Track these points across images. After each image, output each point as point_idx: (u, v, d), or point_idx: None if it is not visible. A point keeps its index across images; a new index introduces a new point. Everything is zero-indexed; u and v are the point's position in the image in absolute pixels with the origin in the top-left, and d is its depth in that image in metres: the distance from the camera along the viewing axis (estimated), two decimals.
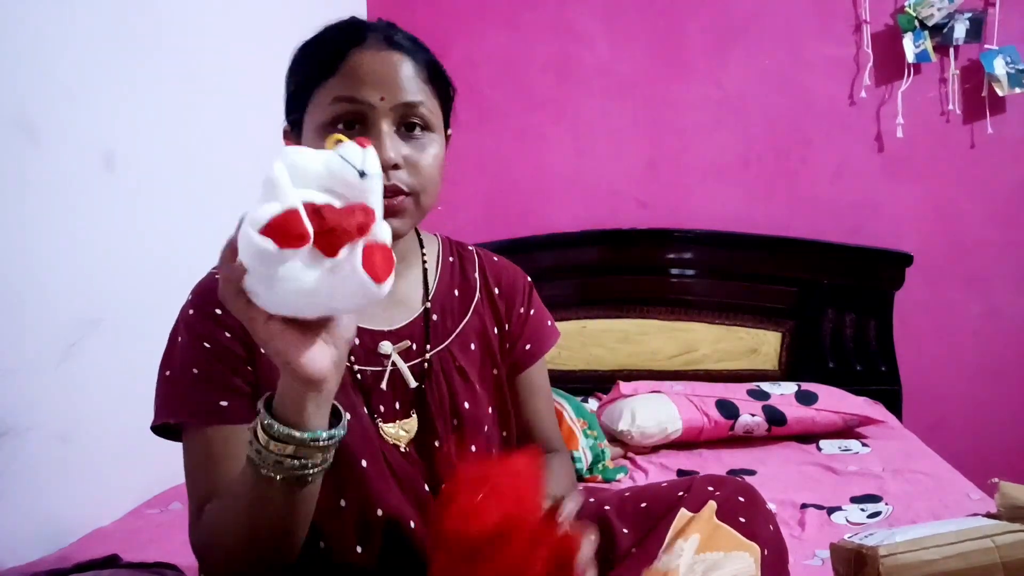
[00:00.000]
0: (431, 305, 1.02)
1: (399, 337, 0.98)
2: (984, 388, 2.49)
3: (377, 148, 0.80)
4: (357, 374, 0.95)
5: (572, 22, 2.56)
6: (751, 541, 0.99)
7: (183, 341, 0.91)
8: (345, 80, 0.87)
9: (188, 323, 0.92)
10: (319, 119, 0.89)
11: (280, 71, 1.01)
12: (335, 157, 0.67)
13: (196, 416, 0.89)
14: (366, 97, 0.87)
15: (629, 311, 2.55)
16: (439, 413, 0.98)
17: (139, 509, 1.63)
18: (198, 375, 0.89)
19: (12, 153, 1.35)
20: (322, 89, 0.89)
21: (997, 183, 2.43)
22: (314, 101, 0.89)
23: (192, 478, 0.91)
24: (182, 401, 0.90)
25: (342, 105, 0.87)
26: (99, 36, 1.54)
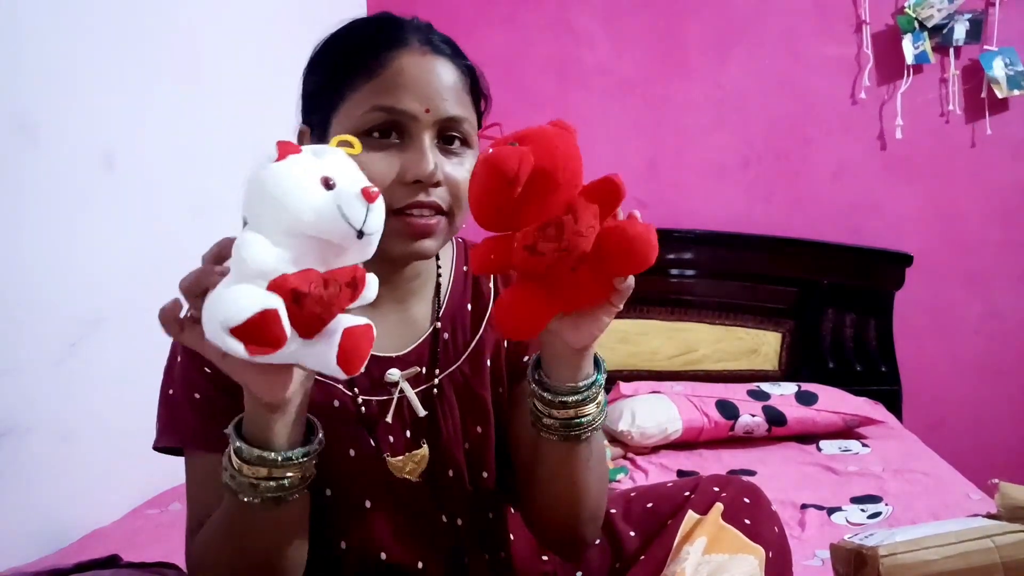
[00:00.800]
0: (442, 323, 0.93)
1: (407, 363, 0.90)
2: (984, 388, 2.49)
3: (418, 162, 0.78)
4: (362, 406, 0.88)
5: (572, 22, 2.56)
6: (756, 543, 0.99)
7: (183, 362, 0.87)
8: (385, 86, 0.79)
9: (186, 348, 0.83)
10: (352, 126, 0.80)
11: (280, 70, 1.01)
12: (331, 207, 0.58)
13: (197, 443, 0.86)
14: (409, 108, 0.79)
15: (628, 311, 2.53)
16: (450, 440, 0.91)
17: (139, 509, 1.63)
18: (199, 400, 0.86)
19: (12, 153, 1.35)
20: (356, 93, 0.80)
21: (997, 183, 2.43)
22: (346, 104, 0.80)
23: (191, 501, 0.88)
24: (183, 427, 0.87)
25: (381, 115, 0.79)
26: (99, 36, 1.54)
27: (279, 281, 0.57)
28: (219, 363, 0.65)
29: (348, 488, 0.87)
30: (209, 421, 0.84)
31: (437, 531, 0.92)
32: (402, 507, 0.90)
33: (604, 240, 0.71)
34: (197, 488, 0.88)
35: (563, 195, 0.72)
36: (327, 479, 0.83)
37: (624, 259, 0.73)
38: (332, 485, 0.87)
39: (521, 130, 0.74)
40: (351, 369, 0.62)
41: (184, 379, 0.87)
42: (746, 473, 1.87)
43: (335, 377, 0.69)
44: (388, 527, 0.89)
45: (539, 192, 0.69)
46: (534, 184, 0.68)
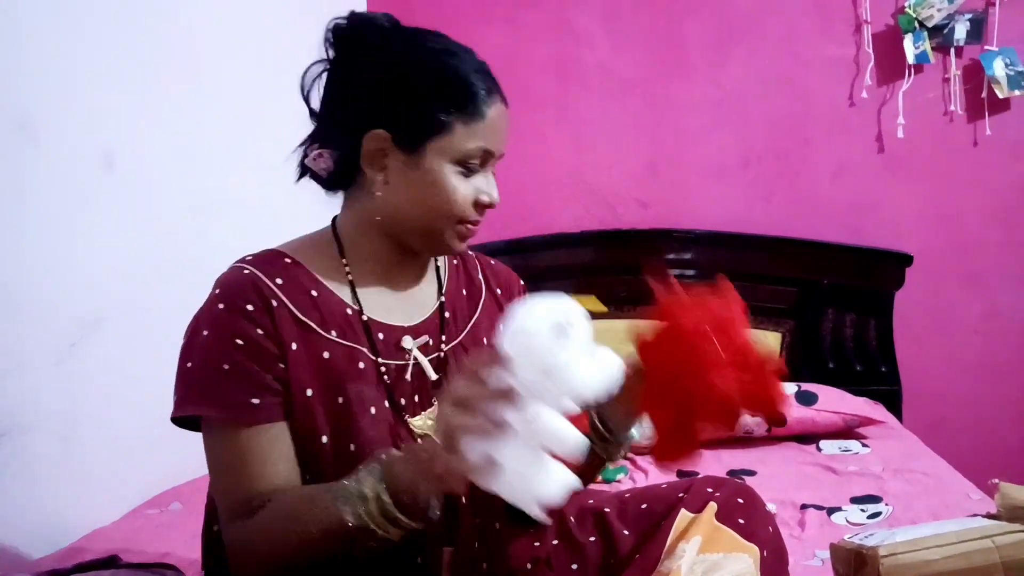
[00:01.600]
0: (445, 302, 1.06)
1: (418, 332, 1.01)
2: (984, 388, 2.48)
3: (492, 192, 0.98)
4: (382, 368, 0.97)
5: (572, 22, 2.56)
6: (750, 542, 1.00)
7: (210, 335, 0.91)
8: (489, 132, 0.95)
9: (218, 318, 0.91)
10: (454, 155, 0.93)
11: (280, 70, 1.01)
12: (605, 386, 0.76)
13: (228, 412, 0.89)
14: (498, 151, 0.98)
15: (629, 311, 2.55)
16: None
17: (139, 509, 1.63)
18: (229, 371, 0.89)
19: (12, 153, 1.35)
20: (465, 128, 0.93)
21: (997, 183, 2.43)
22: (451, 136, 0.93)
23: (224, 477, 0.92)
24: (212, 396, 0.90)
25: (480, 153, 0.95)
26: (99, 36, 1.54)
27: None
28: (467, 478, 0.72)
29: (366, 444, 0.92)
30: (241, 392, 0.89)
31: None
32: None
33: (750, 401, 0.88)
34: (229, 466, 0.91)
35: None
36: (351, 435, 0.92)
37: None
38: (355, 440, 0.93)
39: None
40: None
41: (211, 351, 0.91)
42: (746, 473, 1.87)
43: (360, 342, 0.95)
44: None
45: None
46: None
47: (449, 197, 0.93)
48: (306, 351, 0.92)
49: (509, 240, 2.48)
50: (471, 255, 1.16)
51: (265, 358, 0.90)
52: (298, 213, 2.15)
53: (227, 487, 0.92)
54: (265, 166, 2.08)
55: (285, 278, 0.94)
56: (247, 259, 0.96)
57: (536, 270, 2.54)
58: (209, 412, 0.91)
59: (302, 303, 0.94)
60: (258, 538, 0.88)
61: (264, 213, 2.03)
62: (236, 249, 1.12)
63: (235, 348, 0.89)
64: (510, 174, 2.67)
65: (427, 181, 0.93)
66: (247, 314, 0.90)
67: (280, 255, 0.98)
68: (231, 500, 0.91)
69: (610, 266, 2.54)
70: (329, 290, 0.97)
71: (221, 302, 0.92)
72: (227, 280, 0.94)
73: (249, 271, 0.94)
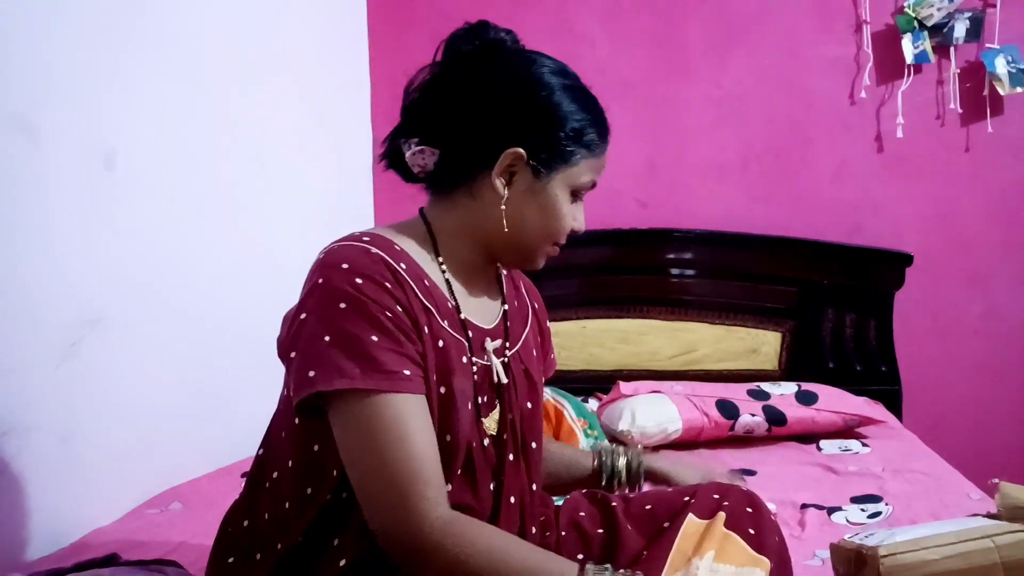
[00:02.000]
0: (508, 309, 1.09)
1: (493, 336, 1.04)
2: (984, 388, 2.49)
3: (582, 222, 1.05)
4: (473, 366, 0.98)
5: (572, 22, 2.56)
6: (761, 554, 1.00)
7: (351, 307, 0.86)
8: (599, 168, 1.03)
9: (360, 290, 0.87)
10: (573, 184, 1.01)
11: (280, 70, 1.01)
12: None
13: (385, 381, 0.85)
14: (597, 184, 1.05)
15: (629, 311, 2.55)
16: (512, 410, 1.03)
17: (139, 509, 1.63)
18: (379, 343, 0.86)
19: (12, 153, 1.35)
20: (585, 163, 1.00)
21: (997, 183, 2.43)
22: (577, 167, 1.00)
23: (380, 459, 0.85)
24: (362, 366, 0.85)
25: (591, 184, 1.03)
26: (99, 36, 1.54)
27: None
28: None
29: (459, 438, 0.94)
30: (394, 362, 0.87)
31: (483, 491, 0.99)
32: (471, 463, 0.97)
33: None
34: (387, 443, 0.85)
35: None
36: (448, 427, 0.93)
37: None
38: (451, 432, 0.94)
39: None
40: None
41: (355, 324, 0.86)
42: (746, 473, 1.87)
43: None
44: (453, 476, 0.94)
45: None
46: None
47: (560, 223, 1.00)
48: (429, 336, 0.93)
49: None
50: (514, 271, 1.18)
51: (408, 333, 0.89)
52: (298, 213, 2.17)
53: (393, 470, 0.84)
54: (265, 166, 2.09)
55: (405, 262, 0.94)
56: (364, 239, 0.93)
57: (536, 270, 2.54)
58: (365, 383, 0.85)
59: (421, 288, 0.94)
60: (455, 552, 0.84)
61: (264, 213, 2.03)
62: (236, 249, 1.12)
63: (382, 319, 0.87)
64: None
65: (546, 204, 0.99)
66: (387, 290, 0.89)
67: (390, 241, 0.95)
68: (404, 484, 0.84)
69: (610, 266, 2.55)
70: (435, 283, 0.98)
71: (358, 276, 0.88)
72: (356, 256, 0.91)
73: (375, 251, 0.92)
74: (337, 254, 0.91)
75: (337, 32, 2.51)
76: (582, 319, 2.55)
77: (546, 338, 1.20)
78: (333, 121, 2.45)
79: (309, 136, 2.24)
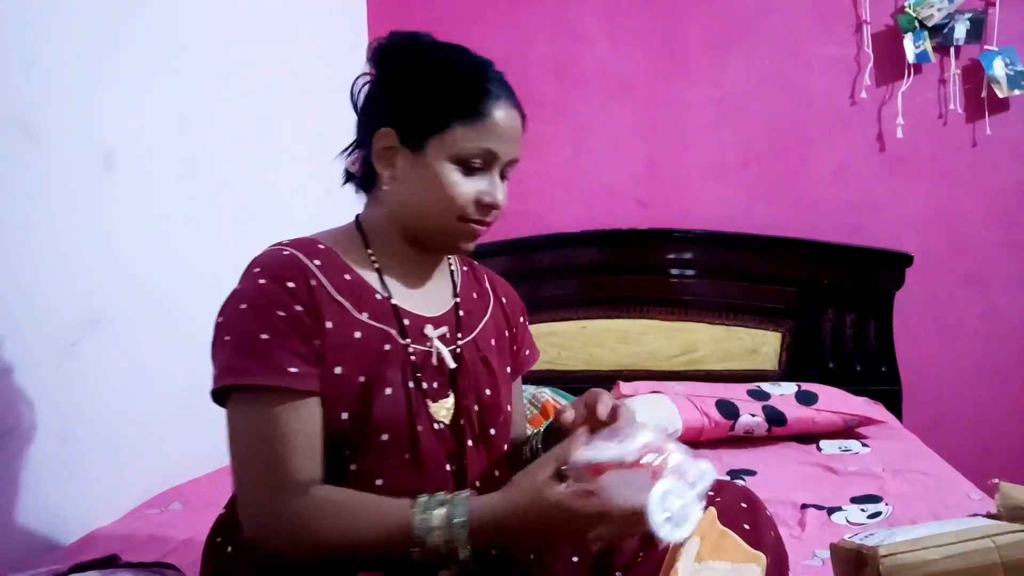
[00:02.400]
0: (460, 301, 1.11)
1: (437, 324, 1.05)
2: (984, 388, 2.49)
3: (495, 193, 1.00)
4: (410, 350, 1.00)
5: (572, 22, 2.56)
6: (757, 550, 1.00)
7: (249, 308, 0.93)
8: (488, 132, 0.98)
9: (260, 291, 0.93)
10: (455, 153, 0.98)
11: (280, 70, 1.01)
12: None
13: (267, 377, 0.90)
14: (501, 152, 1.00)
15: (629, 311, 2.55)
16: (468, 396, 1.05)
17: (139, 509, 1.63)
18: (269, 340, 0.91)
19: (12, 153, 1.35)
20: (464, 128, 0.97)
21: (997, 183, 2.43)
22: (451, 134, 0.97)
23: (256, 453, 0.91)
24: (250, 363, 0.90)
25: (481, 152, 0.98)
26: (99, 36, 1.54)
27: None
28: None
29: (379, 422, 0.96)
30: (280, 359, 0.91)
31: (437, 475, 1.00)
32: (416, 447, 0.99)
33: None
34: (261, 439, 0.91)
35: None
36: (368, 413, 0.95)
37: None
38: (367, 418, 0.96)
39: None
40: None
41: (251, 323, 0.92)
42: (746, 473, 1.87)
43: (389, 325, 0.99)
44: (394, 460, 0.98)
45: None
46: None
47: (447, 193, 0.97)
48: (339, 330, 0.96)
49: (509, 240, 2.48)
50: (477, 264, 1.21)
51: (304, 331, 0.93)
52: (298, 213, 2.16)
53: (259, 462, 0.90)
54: (265, 165, 2.09)
55: (323, 260, 0.98)
56: (284, 242, 1.00)
57: (536, 270, 2.55)
58: (246, 380, 0.90)
59: (337, 284, 0.98)
60: (299, 526, 0.88)
61: (264, 213, 2.03)
62: (236, 249, 1.12)
63: (276, 318, 0.92)
64: (510, 174, 2.69)
65: (427, 177, 0.98)
66: (288, 289, 0.93)
67: (314, 241, 1.02)
68: (262, 476, 0.90)
69: (610, 266, 2.55)
70: (360, 275, 1.01)
71: (262, 278, 0.94)
72: (267, 259, 0.97)
73: (289, 251, 0.98)
74: (255, 260, 0.98)
75: (337, 32, 2.51)
76: (582, 319, 2.55)
77: (519, 333, 1.21)
78: (333, 121, 2.45)
79: (309, 136, 2.24)
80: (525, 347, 1.22)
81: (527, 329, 1.24)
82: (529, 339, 1.24)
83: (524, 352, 1.22)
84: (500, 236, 2.47)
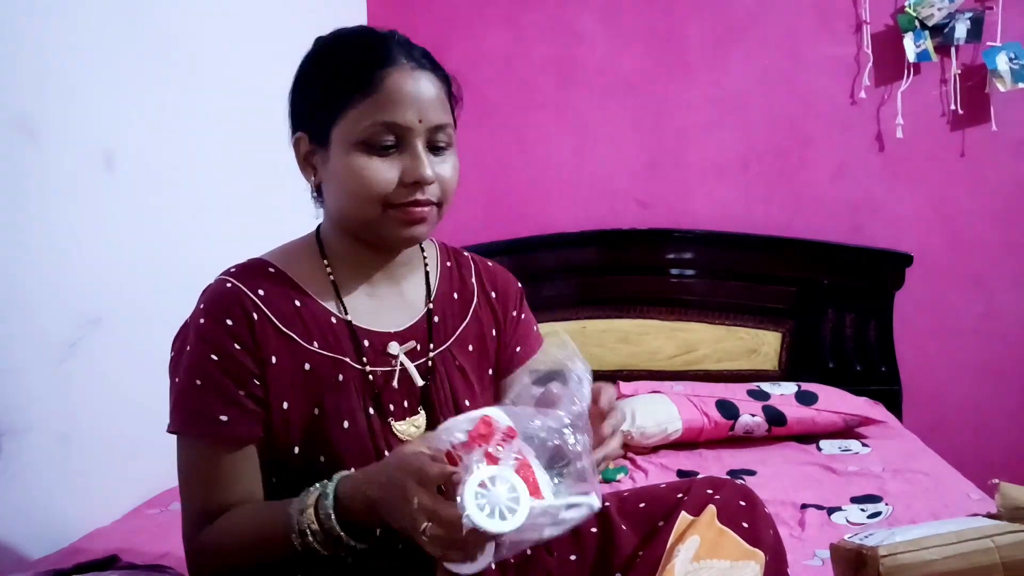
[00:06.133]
0: (433, 307, 1.05)
1: (404, 338, 1.01)
2: (984, 388, 2.49)
3: (417, 167, 0.90)
4: (369, 375, 0.97)
5: (572, 22, 2.56)
6: (756, 548, 1.00)
7: (191, 350, 0.93)
8: (383, 103, 0.89)
9: (198, 331, 0.92)
10: (356, 137, 0.90)
11: (280, 70, 1.01)
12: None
13: (192, 427, 0.92)
14: (407, 122, 0.90)
15: (629, 311, 2.55)
16: (443, 410, 1.01)
17: (139, 509, 1.63)
18: (201, 386, 0.91)
19: (12, 153, 1.35)
20: (356, 109, 0.90)
21: (997, 183, 2.43)
22: (347, 118, 0.90)
23: (187, 488, 0.96)
24: (182, 411, 0.92)
25: (382, 128, 0.90)
26: (99, 36, 1.54)
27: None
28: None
29: (336, 456, 0.93)
30: (209, 407, 0.91)
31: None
32: None
33: None
34: (191, 479, 0.95)
35: None
36: (322, 447, 0.93)
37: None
38: (326, 453, 0.94)
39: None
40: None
41: (190, 366, 0.92)
42: (746, 473, 1.87)
43: (344, 351, 0.95)
44: None
45: None
46: None
47: (360, 181, 0.90)
48: (287, 363, 0.94)
49: (509, 240, 2.48)
50: (466, 256, 1.15)
51: (239, 374, 0.91)
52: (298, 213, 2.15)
53: (190, 499, 0.95)
54: (265, 166, 2.08)
55: (267, 289, 0.95)
56: (231, 271, 0.97)
57: (536, 270, 2.54)
58: (177, 428, 0.93)
59: (285, 313, 0.95)
60: (212, 549, 0.91)
61: (264, 213, 2.03)
62: (236, 249, 1.12)
63: (210, 363, 0.91)
64: (510, 174, 2.70)
65: (340, 170, 0.92)
66: (227, 328, 0.91)
67: (265, 264, 0.98)
68: (192, 511, 0.94)
69: (610, 266, 2.55)
70: (313, 299, 0.97)
71: (203, 316, 0.93)
72: (210, 294, 0.95)
73: (232, 284, 0.94)
74: (204, 292, 0.97)
75: None
76: (582, 319, 2.55)
77: (510, 327, 1.12)
78: None
79: None
80: (516, 343, 1.12)
81: (523, 322, 1.14)
82: (525, 333, 1.14)
83: (515, 349, 1.12)
84: (500, 236, 2.47)
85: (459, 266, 1.12)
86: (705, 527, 1.00)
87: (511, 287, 1.15)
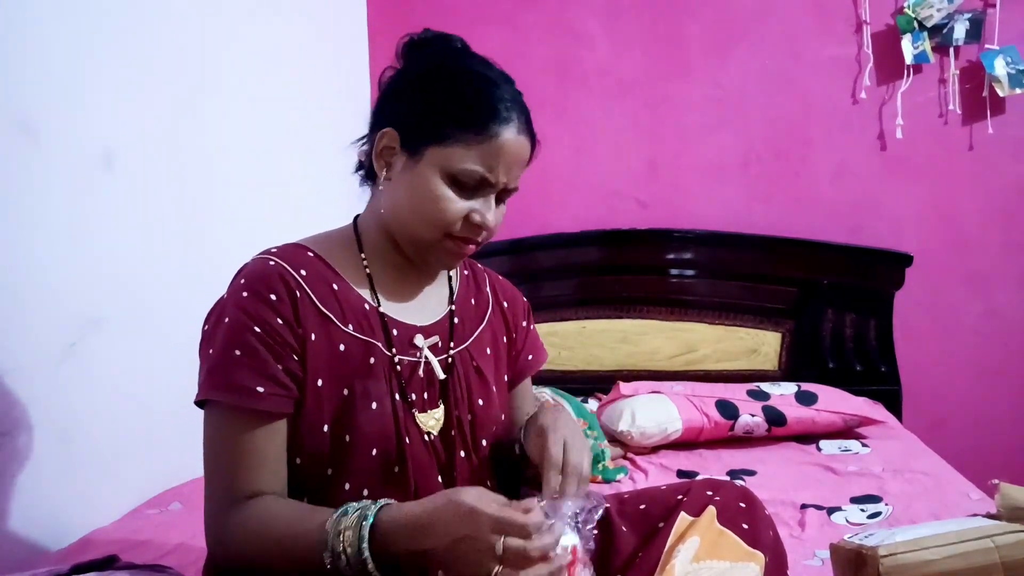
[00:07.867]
0: (455, 308, 1.09)
1: (429, 333, 1.04)
2: (984, 388, 2.49)
3: (486, 214, 0.96)
4: (396, 364, 0.99)
5: (572, 22, 2.56)
6: (755, 549, 1.00)
7: (230, 322, 0.93)
8: (487, 156, 0.94)
9: (240, 305, 0.93)
10: (450, 168, 0.94)
11: (280, 69, 1.01)
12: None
13: (225, 394, 0.91)
14: (497, 179, 0.96)
15: (629, 311, 2.55)
16: (459, 405, 1.04)
17: (139, 509, 1.63)
18: (240, 356, 0.91)
19: (12, 153, 1.35)
20: (461, 145, 0.94)
21: (997, 183, 2.43)
22: (449, 147, 0.94)
23: (213, 464, 0.94)
24: (220, 380, 0.91)
25: (476, 174, 0.94)
26: (99, 36, 1.54)
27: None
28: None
29: (362, 437, 0.95)
30: (248, 377, 0.90)
31: (427, 487, 0.98)
32: (403, 460, 0.98)
33: None
34: (221, 455, 0.93)
35: None
36: (349, 427, 0.95)
37: None
38: (352, 432, 0.95)
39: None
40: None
41: (229, 337, 0.92)
42: (746, 473, 1.87)
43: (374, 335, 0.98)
44: (382, 474, 0.97)
45: None
46: None
47: (435, 206, 0.94)
48: (324, 342, 0.95)
49: (509, 240, 2.49)
50: (480, 268, 1.19)
51: (280, 348, 0.92)
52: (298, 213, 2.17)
53: (215, 477, 0.93)
54: (265, 166, 2.09)
55: (309, 270, 0.97)
56: (272, 251, 0.99)
57: (536, 270, 2.55)
58: (215, 395, 0.92)
59: (324, 295, 0.97)
60: (237, 540, 0.90)
61: (264, 213, 2.03)
62: (236, 249, 1.12)
63: (252, 335, 0.91)
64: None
65: (418, 184, 0.95)
66: (270, 303, 0.93)
67: (303, 248, 1.01)
68: (216, 491, 0.93)
69: (610, 266, 2.55)
70: (349, 285, 1.00)
71: (245, 290, 0.94)
72: (253, 270, 0.96)
73: (275, 262, 0.96)
74: (242, 269, 0.98)
75: (337, 32, 2.51)
76: (582, 319, 2.55)
77: (519, 337, 1.18)
78: (333, 121, 2.45)
79: (309, 136, 2.24)
80: (527, 352, 1.19)
81: (531, 333, 1.21)
82: (533, 343, 1.21)
83: (526, 357, 1.19)
84: (500, 236, 2.46)
85: (475, 276, 1.17)
86: (705, 528, 1.01)
87: (519, 301, 1.21)
